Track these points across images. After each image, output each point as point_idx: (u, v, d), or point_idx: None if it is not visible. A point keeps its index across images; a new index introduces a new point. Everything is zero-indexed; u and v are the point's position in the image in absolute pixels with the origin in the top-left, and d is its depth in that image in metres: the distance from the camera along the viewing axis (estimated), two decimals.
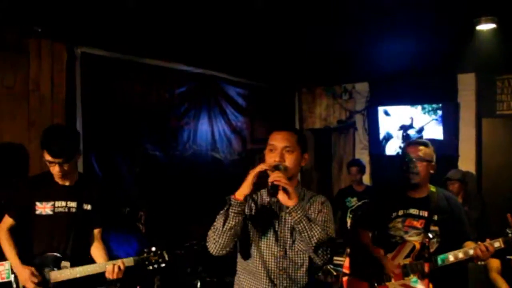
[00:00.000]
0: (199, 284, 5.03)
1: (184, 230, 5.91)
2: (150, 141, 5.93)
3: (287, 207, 2.47)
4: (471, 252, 3.15)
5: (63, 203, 3.43)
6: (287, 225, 2.65)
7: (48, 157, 3.26)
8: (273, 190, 2.46)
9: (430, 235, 3.25)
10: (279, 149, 2.62)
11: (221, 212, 2.52)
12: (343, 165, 7.97)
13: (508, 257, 3.66)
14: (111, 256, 5.10)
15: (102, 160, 5.38)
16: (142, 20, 4.65)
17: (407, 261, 3.34)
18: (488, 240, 3.13)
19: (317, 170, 8.50)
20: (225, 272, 4.73)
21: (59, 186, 3.44)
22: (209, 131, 6.81)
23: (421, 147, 3.41)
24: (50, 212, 3.40)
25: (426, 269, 3.14)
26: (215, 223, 2.53)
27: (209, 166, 6.76)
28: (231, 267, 2.87)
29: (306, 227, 2.45)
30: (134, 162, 5.75)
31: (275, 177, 2.45)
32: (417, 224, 3.38)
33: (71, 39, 5.03)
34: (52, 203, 3.41)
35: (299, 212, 2.45)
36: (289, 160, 2.61)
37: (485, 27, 4.65)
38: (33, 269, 3.30)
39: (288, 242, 2.64)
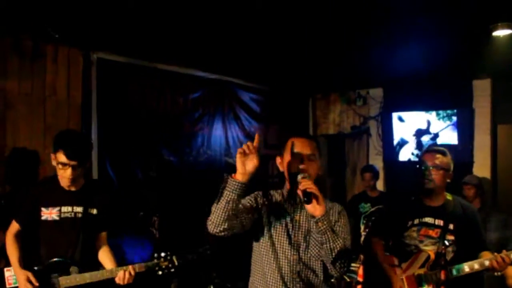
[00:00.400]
0: None
1: (197, 235, 5.92)
2: (164, 146, 5.96)
3: (314, 217, 2.47)
4: (487, 263, 3.11)
5: (69, 208, 3.40)
6: (301, 229, 2.66)
7: (62, 159, 3.23)
8: (307, 197, 2.46)
9: (447, 242, 3.21)
10: (304, 157, 2.63)
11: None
12: (356, 171, 7.94)
13: None
14: (124, 260, 5.18)
15: (116, 164, 5.41)
16: (156, 26, 4.69)
17: (422, 271, 3.30)
18: (504, 252, 3.09)
19: (331, 176, 8.48)
20: (238, 277, 4.73)
21: (65, 191, 3.41)
22: (223, 137, 6.82)
23: (438, 155, 3.37)
24: (57, 218, 3.38)
25: (443, 276, 3.10)
26: (214, 203, 2.61)
27: (223, 172, 6.73)
28: (244, 272, 2.88)
29: (330, 238, 2.46)
30: (148, 167, 5.78)
31: (307, 185, 2.46)
32: (433, 233, 3.35)
33: (87, 45, 5.09)
34: (58, 208, 3.39)
35: (325, 222, 2.46)
36: (313, 168, 2.64)
37: (502, 33, 4.63)
38: (29, 274, 3.28)
39: (302, 246, 2.64)
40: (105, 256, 3.50)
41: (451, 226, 3.32)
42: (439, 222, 3.35)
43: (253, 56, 5.91)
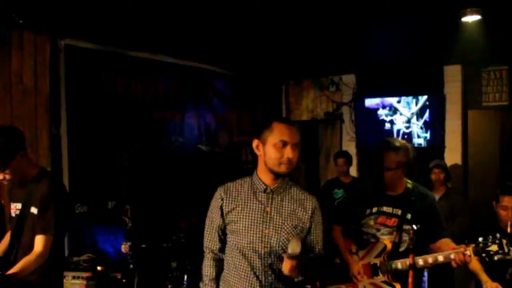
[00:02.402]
0: (185, 277, 5.01)
1: (171, 224, 5.89)
2: (135, 134, 5.89)
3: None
4: (441, 258, 3.09)
5: (19, 205, 3.23)
6: (273, 221, 2.62)
7: None
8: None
9: (415, 226, 3.23)
10: (291, 144, 2.56)
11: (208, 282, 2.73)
12: (330, 157, 7.97)
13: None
14: (98, 249, 5.14)
15: (86, 153, 5.34)
16: (126, 12, 4.59)
17: (378, 260, 3.31)
18: (464, 247, 3.05)
19: (304, 162, 8.50)
20: None
21: (17, 186, 3.26)
22: (195, 124, 6.77)
23: (398, 153, 3.33)
24: (13, 214, 3.25)
25: (411, 260, 3.10)
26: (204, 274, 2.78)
27: (196, 159, 6.73)
28: None
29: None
30: (120, 155, 5.71)
31: (290, 270, 2.47)
32: (390, 222, 3.35)
33: (54, 31, 4.96)
34: (14, 204, 3.26)
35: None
36: (296, 157, 2.59)
37: (470, 18, 4.65)
38: None
39: (273, 239, 2.60)
40: (22, 259, 3.09)
41: (408, 216, 3.32)
42: (397, 211, 3.34)
43: (226, 43, 5.85)
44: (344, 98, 8.03)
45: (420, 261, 3.15)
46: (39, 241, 3.09)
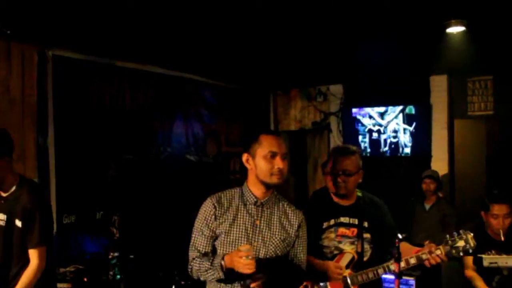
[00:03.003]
0: (173, 287, 4.99)
1: (158, 234, 5.87)
2: (123, 144, 5.87)
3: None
4: (413, 260, 3.05)
5: (2, 216, 3.12)
6: (261, 234, 2.62)
7: None
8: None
9: (400, 236, 3.14)
10: (280, 155, 2.58)
11: (211, 269, 2.54)
12: (318, 166, 8.00)
13: (479, 255, 3.68)
14: (85, 259, 5.10)
15: (74, 164, 5.31)
16: (114, 22, 4.61)
17: (347, 272, 3.21)
18: (433, 247, 3.04)
19: (292, 172, 8.51)
20: None
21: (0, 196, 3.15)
22: (183, 134, 6.77)
23: (352, 158, 3.26)
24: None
25: (396, 269, 3.06)
26: (202, 269, 2.58)
27: (184, 169, 6.73)
28: None
29: None
30: (108, 166, 5.69)
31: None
32: (349, 232, 3.28)
33: (42, 41, 4.95)
34: None
35: None
36: (286, 167, 2.60)
37: (455, 29, 4.73)
38: None
39: (262, 252, 2.60)
40: (22, 276, 3.08)
41: (365, 224, 3.27)
42: (354, 220, 3.28)
43: (214, 53, 5.87)
44: (331, 108, 8.08)
45: (392, 267, 3.10)
46: (34, 255, 3.07)
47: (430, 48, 5.45)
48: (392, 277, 4.55)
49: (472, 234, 3.02)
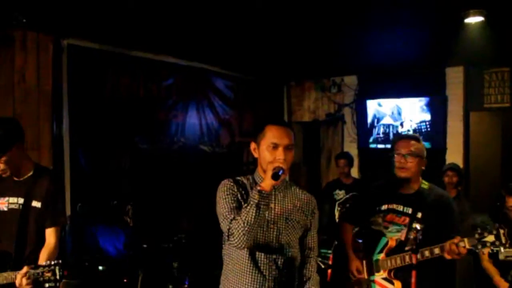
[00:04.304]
0: (187, 277, 5.01)
1: (172, 224, 5.89)
2: (137, 134, 5.90)
3: None
4: (437, 250, 3.04)
5: (15, 199, 3.21)
6: (276, 217, 2.64)
7: None
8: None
9: (418, 226, 3.14)
10: (282, 147, 2.57)
11: (250, 204, 2.44)
12: (331, 158, 7.97)
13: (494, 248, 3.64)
14: (98, 248, 5.13)
15: (88, 153, 5.34)
16: (129, 12, 4.60)
17: (379, 256, 3.29)
18: (458, 238, 3.01)
19: (306, 163, 8.51)
20: (213, 265, 4.72)
21: (12, 181, 3.23)
22: (197, 124, 6.78)
23: (413, 142, 3.28)
24: (5, 209, 3.21)
25: (414, 260, 3.06)
26: (243, 217, 2.43)
27: (197, 159, 6.74)
28: (219, 261, 2.85)
29: None
30: (122, 155, 5.72)
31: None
32: (399, 220, 3.29)
33: (58, 30, 4.97)
34: (6, 199, 3.22)
35: None
36: (290, 158, 2.59)
37: (473, 20, 4.65)
38: None
39: (278, 234, 2.62)
40: (41, 254, 3.18)
41: (419, 215, 3.24)
42: (408, 210, 3.28)
43: (228, 43, 5.86)
44: (345, 99, 8.04)
45: (418, 255, 3.10)
46: (52, 233, 3.20)
47: (447, 39, 5.38)
48: None
49: (504, 230, 2.94)
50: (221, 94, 7.22)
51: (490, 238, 2.94)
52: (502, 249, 2.94)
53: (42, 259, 3.10)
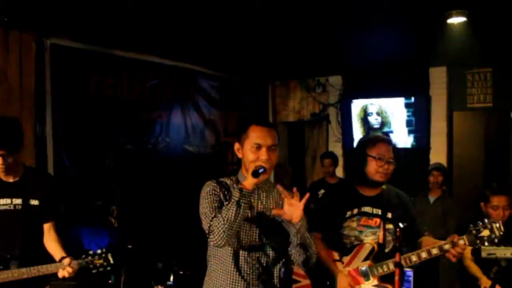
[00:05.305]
0: (172, 277, 4.99)
1: (157, 224, 5.86)
2: (121, 134, 5.86)
3: (294, 225, 2.50)
4: (435, 251, 3.04)
5: (8, 201, 3.25)
6: (260, 216, 2.65)
7: None
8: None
9: (401, 225, 3.12)
10: (265, 147, 2.58)
11: (231, 202, 2.45)
12: (316, 158, 7.99)
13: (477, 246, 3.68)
14: (83, 249, 5.08)
15: (72, 153, 5.31)
16: (113, 11, 4.58)
17: (366, 264, 3.20)
18: (456, 237, 3.01)
19: (291, 163, 8.52)
20: (198, 265, 4.71)
21: (2, 182, 3.27)
22: (181, 124, 6.76)
23: (391, 147, 3.25)
24: (3, 209, 3.24)
25: (397, 258, 3.02)
26: (224, 214, 2.44)
27: (182, 159, 6.71)
28: (205, 260, 2.85)
29: (308, 242, 2.56)
30: (106, 156, 5.68)
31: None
32: (372, 222, 3.25)
33: (40, 29, 4.93)
34: (5, 200, 3.25)
35: (303, 226, 2.52)
36: (274, 158, 2.60)
37: (456, 20, 4.70)
38: None
39: (262, 232, 2.63)
40: (51, 246, 3.35)
41: (389, 215, 3.25)
42: (377, 211, 3.25)
43: (212, 43, 5.85)
44: (330, 99, 8.06)
45: (414, 257, 3.10)
46: (51, 227, 3.39)
47: (430, 39, 5.43)
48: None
49: (498, 224, 2.99)
50: (206, 94, 7.20)
51: (486, 232, 2.99)
52: (496, 240, 2.99)
53: (56, 251, 3.29)
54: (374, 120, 7.47)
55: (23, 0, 4.21)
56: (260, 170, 2.48)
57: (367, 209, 3.28)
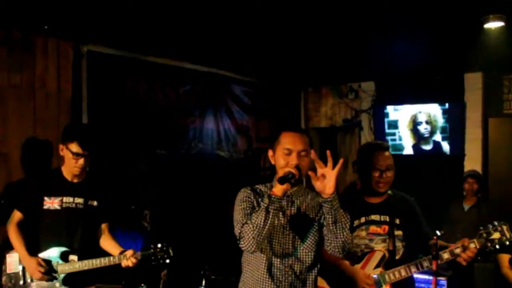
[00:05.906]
0: (204, 282, 5.01)
1: (189, 229, 5.91)
2: (155, 139, 5.93)
3: (326, 198, 2.48)
4: (446, 255, 3.01)
5: (71, 199, 3.57)
6: (294, 223, 2.65)
7: (76, 149, 3.43)
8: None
9: (438, 232, 3.05)
10: (296, 152, 2.59)
11: (260, 209, 2.48)
12: (348, 163, 7.93)
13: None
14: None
15: (107, 158, 5.38)
16: (148, 18, 4.65)
17: (378, 271, 3.17)
18: (467, 241, 3.00)
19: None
20: (230, 270, 4.72)
21: (67, 182, 3.60)
22: (214, 130, 6.79)
23: (388, 153, 3.24)
24: (58, 207, 3.53)
25: (435, 267, 3.00)
26: (253, 220, 2.47)
27: (215, 165, 6.75)
28: (236, 266, 2.86)
29: (343, 216, 2.52)
30: (140, 160, 5.75)
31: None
32: (380, 230, 3.23)
33: (77, 37, 5.05)
34: (60, 198, 3.54)
35: (336, 201, 2.50)
36: (305, 164, 2.61)
37: (493, 25, 4.61)
38: (39, 259, 3.43)
39: (295, 240, 2.64)
40: (108, 244, 3.68)
41: (397, 221, 3.22)
42: (385, 218, 3.23)
43: (245, 49, 5.88)
44: (363, 105, 8.01)
45: (425, 263, 3.08)
46: (106, 227, 3.74)
47: (466, 45, 5.34)
48: (424, 277, 4.52)
49: (507, 225, 2.97)
50: (238, 100, 7.24)
51: (496, 235, 2.96)
52: (507, 243, 2.96)
53: (114, 247, 3.62)
54: (424, 130, 7.35)
55: (62, 9, 4.30)
56: (289, 176, 2.48)
57: (374, 217, 3.27)
